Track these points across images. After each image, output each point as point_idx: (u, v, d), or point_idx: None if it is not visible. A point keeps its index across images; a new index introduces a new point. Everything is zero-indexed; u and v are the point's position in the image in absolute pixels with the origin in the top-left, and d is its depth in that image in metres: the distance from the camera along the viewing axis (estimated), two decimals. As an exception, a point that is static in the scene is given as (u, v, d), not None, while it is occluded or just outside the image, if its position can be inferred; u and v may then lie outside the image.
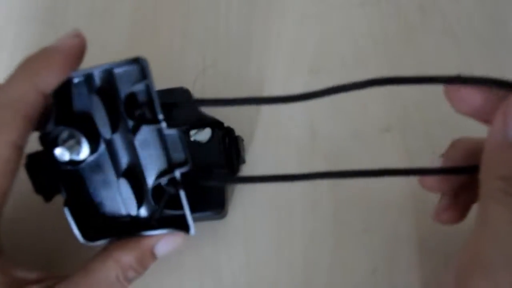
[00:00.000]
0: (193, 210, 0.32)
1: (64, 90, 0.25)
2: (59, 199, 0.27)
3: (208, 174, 0.32)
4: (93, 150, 0.26)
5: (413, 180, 0.32)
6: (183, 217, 0.26)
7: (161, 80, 0.38)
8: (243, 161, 0.34)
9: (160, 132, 0.25)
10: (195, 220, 0.32)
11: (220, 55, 0.39)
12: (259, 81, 0.37)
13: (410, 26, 0.38)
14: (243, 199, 0.34)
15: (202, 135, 0.33)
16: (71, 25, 0.42)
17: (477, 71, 0.36)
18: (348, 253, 0.32)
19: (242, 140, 0.35)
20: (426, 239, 0.31)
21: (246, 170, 0.34)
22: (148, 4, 0.42)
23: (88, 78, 0.25)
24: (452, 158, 0.26)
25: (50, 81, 0.25)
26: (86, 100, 0.25)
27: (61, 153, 0.25)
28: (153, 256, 0.28)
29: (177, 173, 0.25)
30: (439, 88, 0.36)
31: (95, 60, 0.26)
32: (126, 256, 0.27)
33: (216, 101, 0.26)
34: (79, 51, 0.26)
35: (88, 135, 0.25)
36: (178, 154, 0.25)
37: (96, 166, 0.27)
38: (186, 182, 0.31)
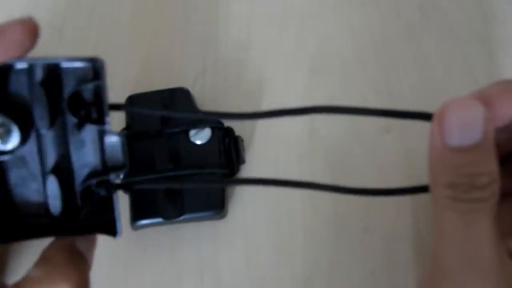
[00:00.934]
0: (193, 210, 0.32)
1: (2, 75, 0.23)
2: None
3: (207, 176, 0.32)
4: (22, 141, 0.24)
5: (413, 180, 0.32)
6: (109, 220, 0.24)
7: (161, 80, 0.38)
8: (243, 161, 0.34)
9: (101, 134, 0.24)
10: (195, 220, 0.32)
11: (220, 55, 0.39)
12: (259, 81, 0.37)
13: (410, 26, 0.38)
14: (243, 199, 0.34)
15: (202, 135, 0.33)
16: (71, 25, 0.43)
17: (477, 71, 0.36)
18: (347, 253, 0.32)
19: (242, 140, 0.35)
20: (425, 239, 0.31)
21: (246, 170, 0.34)
22: (148, 4, 0.42)
23: (32, 67, 0.23)
24: None
25: None
26: (25, 89, 0.24)
27: None
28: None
29: (113, 177, 0.24)
30: (439, 88, 0.36)
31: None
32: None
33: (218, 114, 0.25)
34: (22, 36, 0.24)
35: (20, 125, 0.23)
36: (116, 158, 0.24)
37: (21, 159, 0.25)
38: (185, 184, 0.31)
